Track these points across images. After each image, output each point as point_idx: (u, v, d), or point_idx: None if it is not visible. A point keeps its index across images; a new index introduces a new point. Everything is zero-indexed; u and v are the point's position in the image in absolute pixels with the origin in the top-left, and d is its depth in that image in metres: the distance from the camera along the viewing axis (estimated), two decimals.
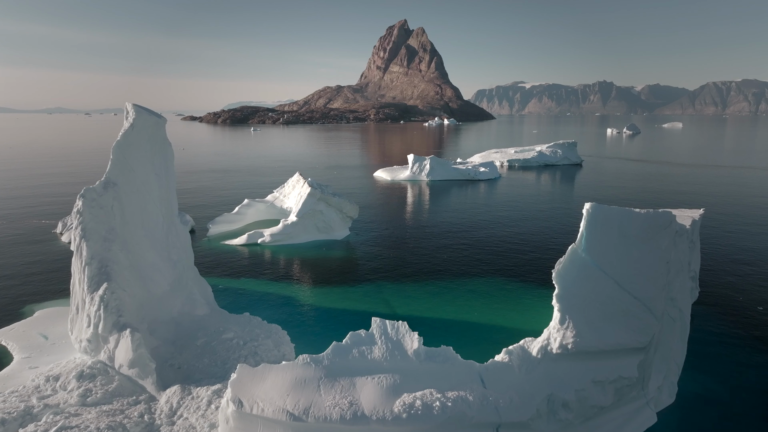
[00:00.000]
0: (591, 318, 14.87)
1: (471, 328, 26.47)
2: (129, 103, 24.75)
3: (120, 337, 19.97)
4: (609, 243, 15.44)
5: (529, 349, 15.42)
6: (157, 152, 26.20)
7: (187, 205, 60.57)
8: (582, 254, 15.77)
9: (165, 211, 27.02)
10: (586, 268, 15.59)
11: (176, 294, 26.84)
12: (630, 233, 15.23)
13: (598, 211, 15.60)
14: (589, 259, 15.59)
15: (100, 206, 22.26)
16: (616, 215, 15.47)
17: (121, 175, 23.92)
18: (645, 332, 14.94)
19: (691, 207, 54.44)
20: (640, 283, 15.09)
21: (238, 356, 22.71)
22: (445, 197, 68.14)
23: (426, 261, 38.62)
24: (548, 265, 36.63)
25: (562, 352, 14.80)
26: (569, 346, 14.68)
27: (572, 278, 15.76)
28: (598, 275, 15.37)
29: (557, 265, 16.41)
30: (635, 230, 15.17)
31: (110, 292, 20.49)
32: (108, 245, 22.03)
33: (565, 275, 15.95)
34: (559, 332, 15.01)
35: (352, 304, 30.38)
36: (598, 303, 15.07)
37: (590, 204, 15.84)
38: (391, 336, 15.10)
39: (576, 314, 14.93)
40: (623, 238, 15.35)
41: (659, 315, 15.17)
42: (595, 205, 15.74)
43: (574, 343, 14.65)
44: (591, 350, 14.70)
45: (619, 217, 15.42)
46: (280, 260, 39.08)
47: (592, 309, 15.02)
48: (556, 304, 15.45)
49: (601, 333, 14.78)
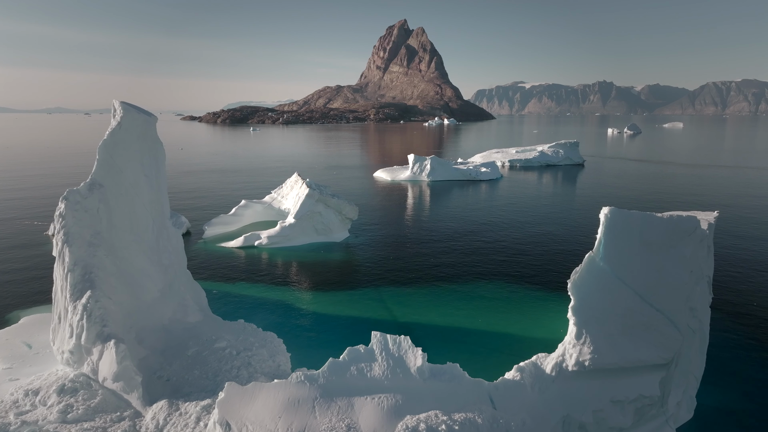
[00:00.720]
0: (610, 332, 13.70)
1: (478, 339, 25.20)
2: (116, 101, 23.56)
3: (104, 349, 18.78)
4: (629, 251, 14.24)
5: (542, 366, 14.25)
6: (147, 152, 25.00)
7: (184, 206, 59.41)
8: (600, 263, 14.57)
9: (155, 213, 25.82)
10: (605, 279, 14.40)
11: (167, 300, 25.66)
12: (652, 240, 14.05)
13: (617, 217, 14.39)
14: (608, 268, 14.40)
15: (85, 209, 21.07)
16: (637, 221, 14.26)
17: (108, 176, 22.72)
18: (668, 347, 13.78)
19: (700, 209, 53.20)
20: (662, 294, 13.92)
21: (231, 367, 21.52)
22: (446, 198, 66.95)
23: (427, 264, 37.43)
24: (558, 270, 35.55)
25: (578, 370, 13.64)
26: (586, 363, 13.53)
27: (589, 289, 14.57)
28: (617, 286, 14.18)
29: (573, 275, 15.19)
30: (657, 237, 13.99)
31: (94, 300, 19.29)
32: (93, 250, 20.84)
33: (582, 286, 14.74)
34: (576, 348, 13.85)
35: (351, 310, 29.21)
36: (618, 316, 13.89)
37: (609, 209, 14.62)
38: (393, 352, 13.92)
39: (594, 328, 13.76)
40: (644, 245, 14.16)
41: (683, 328, 14.00)
42: (614, 210, 14.53)
43: (591, 360, 13.49)
44: (610, 367, 13.54)
45: (640, 223, 14.22)
46: (277, 263, 37.89)
47: (611, 322, 13.85)
48: (572, 317, 14.25)
49: (620, 348, 13.62)
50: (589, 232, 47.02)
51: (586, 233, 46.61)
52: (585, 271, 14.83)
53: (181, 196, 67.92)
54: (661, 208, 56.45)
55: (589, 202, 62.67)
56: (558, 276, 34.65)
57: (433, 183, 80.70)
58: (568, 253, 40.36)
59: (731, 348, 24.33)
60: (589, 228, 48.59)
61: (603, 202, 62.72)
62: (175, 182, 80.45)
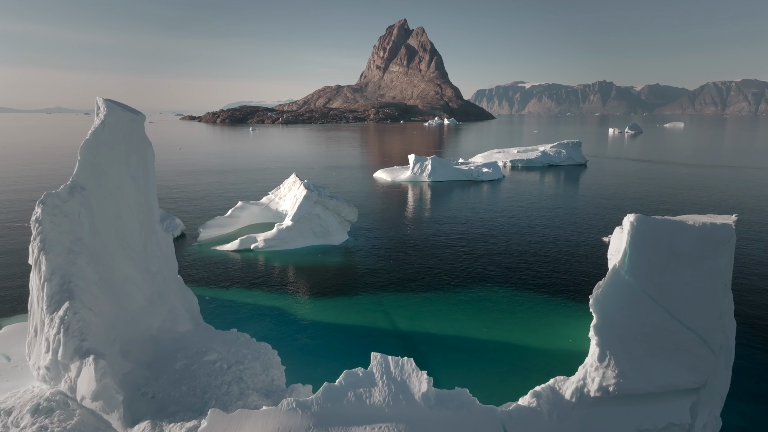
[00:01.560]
0: (637, 354, 12.33)
1: (486, 354, 23.69)
2: (100, 98, 22.17)
3: (82, 365, 17.37)
4: (657, 263, 12.84)
5: (561, 392, 12.88)
6: (133, 152, 23.61)
7: (179, 208, 58.02)
8: (625, 276, 13.18)
9: (143, 217, 24.44)
10: (631, 294, 13.01)
11: (155, 309, 24.30)
12: (683, 251, 12.67)
13: (644, 225, 12.98)
14: (634, 282, 13.02)
15: (64, 214, 19.66)
16: (666, 229, 12.85)
17: (91, 178, 21.32)
18: (700, 370, 12.42)
19: (710, 210, 51.57)
20: (694, 310, 12.55)
21: (221, 383, 20.14)
22: (448, 199, 65.54)
23: (430, 269, 36.03)
24: (568, 276, 33.97)
25: (601, 396, 12.28)
26: (610, 388, 12.17)
27: (614, 306, 13.17)
28: (644, 302, 12.79)
29: (595, 290, 13.78)
30: (689, 247, 12.60)
31: (72, 312, 17.89)
32: (73, 258, 19.44)
33: (606, 302, 13.34)
34: (598, 371, 12.49)
35: (350, 318, 27.84)
36: (645, 335, 12.52)
37: (635, 216, 13.21)
38: (395, 375, 12.54)
39: (618, 349, 12.40)
40: (674, 256, 12.77)
41: (717, 348, 12.63)
42: (641, 218, 13.12)
43: (616, 385, 12.14)
44: (636, 393, 12.18)
45: (670, 232, 12.81)
46: (273, 268, 36.50)
47: (638, 343, 12.48)
48: (595, 337, 12.87)
49: (648, 372, 12.27)
50: (597, 234, 45.62)
51: (594, 237, 45.20)
52: (609, 286, 13.41)
53: (176, 197, 66.52)
54: (670, 211, 55.10)
55: (596, 204, 61.28)
56: (568, 283, 33.28)
57: (434, 183, 79.31)
58: (577, 257, 38.95)
59: (752, 359, 22.95)
60: (597, 231, 47.19)
61: (609, 203, 61.31)
62: (171, 183, 79.07)
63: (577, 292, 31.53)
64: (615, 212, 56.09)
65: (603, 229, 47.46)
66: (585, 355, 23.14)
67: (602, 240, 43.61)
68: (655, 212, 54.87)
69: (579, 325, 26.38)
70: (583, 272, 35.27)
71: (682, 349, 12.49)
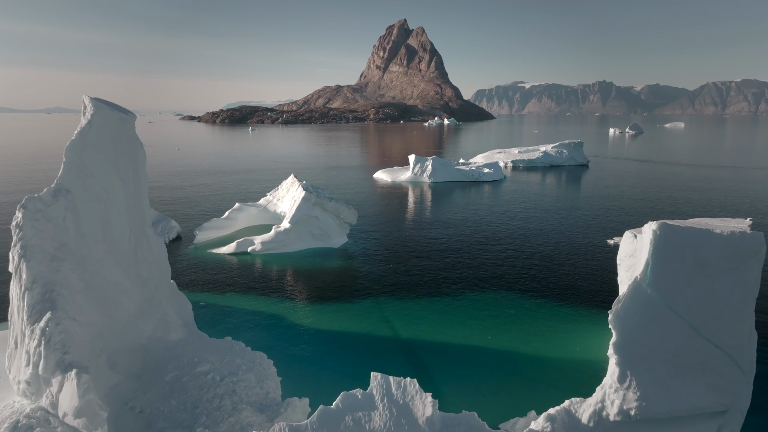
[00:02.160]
0: (660, 374, 11.34)
1: (493, 367, 22.62)
2: (86, 97, 21.17)
3: (64, 380, 16.35)
4: (682, 274, 11.82)
5: (577, 415, 11.89)
6: (122, 154, 22.59)
7: (175, 210, 57.02)
8: (647, 290, 12.15)
9: (133, 221, 23.44)
10: (654, 309, 11.99)
11: (146, 317, 23.29)
12: (710, 261, 11.66)
13: (669, 234, 11.94)
14: (657, 296, 11.99)
15: (48, 219, 18.64)
16: (692, 238, 11.80)
17: (77, 180, 20.31)
18: (728, 391, 11.44)
19: (721, 213, 50.57)
20: (722, 327, 11.55)
21: (213, 396, 19.12)
22: (449, 200, 64.52)
23: (432, 273, 35.02)
24: (576, 282, 32.67)
25: (621, 419, 11.30)
26: (632, 411, 11.19)
27: (635, 322, 12.15)
28: (668, 317, 11.78)
29: (615, 305, 12.74)
30: (716, 257, 11.59)
31: (54, 323, 16.88)
32: (56, 265, 18.42)
33: (626, 318, 12.30)
34: (618, 393, 11.50)
35: (348, 325, 26.84)
36: (669, 354, 11.53)
37: (658, 224, 12.15)
38: (396, 398, 11.53)
39: (640, 369, 11.41)
40: (701, 267, 11.75)
41: (747, 368, 11.64)
42: (664, 225, 12.06)
43: (638, 408, 11.16)
44: (659, 416, 11.20)
45: (696, 241, 11.79)
46: (270, 272, 35.49)
47: (662, 362, 11.49)
48: (614, 356, 11.86)
49: (672, 394, 11.28)
50: (602, 237, 44.61)
51: (599, 239, 44.19)
52: (629, 300, 12.36)
53: (173, 198, 65.50)
54: (677, 214, 54.00)
55: (600, 205, 60.25)
56: (574, 288, 32.28)
57: (434, 184, 78.29)
58: (582, 261, 37.93)
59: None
60: (602, 233, 46.17)
61: (613, 204, 60.29)
62: (168, 183, 78.06)
63: (584, 297, 30.56)
64: (619, 214, 55.10)
65: (608, 231, 46.47)
66: (594, 366, 22.28)
67: (608, 243, 42.62)
68: (663, 215, 53.88)
69: (587, 334, 25.42)
70: (589, 277, 34.28)
71: (709, 369, 11.50)
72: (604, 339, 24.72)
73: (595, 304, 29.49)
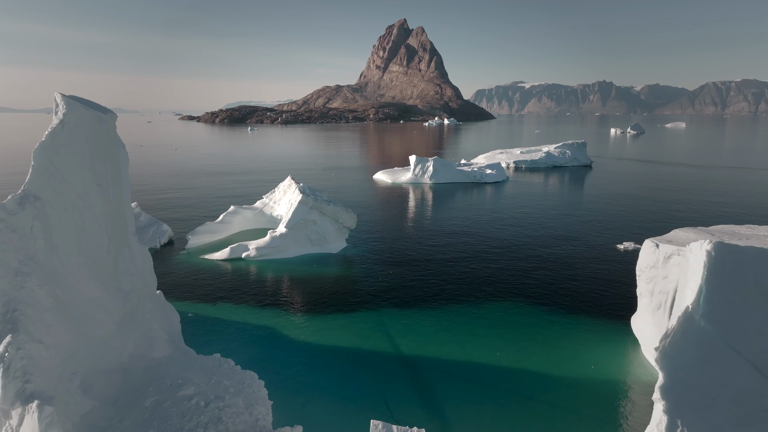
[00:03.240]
0: (717, 423, 9.52)
1: (501, 385, 20.87)
2: (58, 94, 19.36)
3: (24, 412, 14.53)
4: (742, 305, 10.02)
5: None
6: (100, 156, 20.80)
7: (168, 213, 55.15)
8: (701, 322, 10.28)
9: (113, 229, 21.64)
10: (708, 344, 10.15)
11: (126, 334, 21.49)
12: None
13: (726, 255, 10.05)
14: (713, 329, 10.15)
15: (12, 229, 16.83)
16: (752, 260, 9.97)
17: (48, 186, 18.51)
18: None
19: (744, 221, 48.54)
20: None
21: (196, 424, 17.29)
22: (451, 202, 62.66)
23: (434, 280, 33.20)
24: (586, 292, 30.43)
25: None
26: None
27: (686, 360, 10.30)
28: (726, 355, 9.97)
29: (662, 341, 10.81)
30: None
31: (14, 348, 15.05)
32: (21, 281, 16.59)
33: (676, 356, 10.42)
34: None
35: (346, 339, 25.03)
36: (728, 400, 9.72)
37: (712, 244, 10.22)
38: None
39: (693, 417, 9.59)
40: (763, 296, 9.95)
41: None
42: (720, 246, 10.15)
43: None
44: None
45: (758, 264, 9.97)
46: (265, 279, 33.66)
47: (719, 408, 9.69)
48: (661, 401, 10.04)
49: None
50: (612, 241, 42.76)
51: (608, 244, 42.34)
52: (680, 335, 10.43)
53: (166, 200, 63.62)
54: (688, 220, 51.96)
55: (606, 208, 58.38)
56: (584, 297, 30.45)
57: (436, 186, 76.45)
58: (591, 268, 36.08)
59: None
60: (611, 237, 44.32)
61: (620, 207, 58.42)
62: (163, 185, 76.20)
63: (598, 308, 28.75)
64: (628, 217, 53.26)
65: (617, 235, 44.65)
66: (608, 384, 20.48)
67: (618, 248, 40.78)
68: (675, 219, 51.92)
69: (599, 348, 23.65)
70: (598, 284, 32.47)
71: None
72: (619, 356, 22.94)
73: (606, 314, 27.72)
